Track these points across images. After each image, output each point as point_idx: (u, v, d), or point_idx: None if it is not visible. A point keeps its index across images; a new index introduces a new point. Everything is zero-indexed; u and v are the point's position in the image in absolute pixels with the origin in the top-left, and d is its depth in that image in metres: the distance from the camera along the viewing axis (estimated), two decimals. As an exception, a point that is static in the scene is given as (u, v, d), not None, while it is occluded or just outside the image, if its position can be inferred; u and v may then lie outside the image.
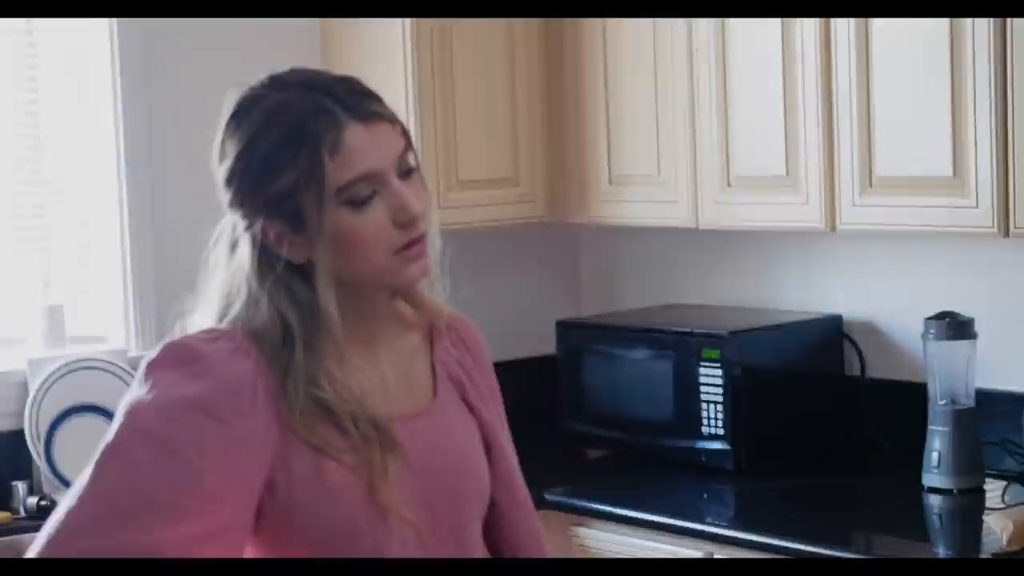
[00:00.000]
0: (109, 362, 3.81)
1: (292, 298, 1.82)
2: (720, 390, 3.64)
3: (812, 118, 3.43)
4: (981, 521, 3.15)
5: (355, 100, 1.80)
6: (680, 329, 3.78)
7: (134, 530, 1.70)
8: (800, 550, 3.12)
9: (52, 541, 1.71)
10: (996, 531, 2.99)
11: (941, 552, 3.18)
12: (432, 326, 1.97)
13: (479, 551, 1.92)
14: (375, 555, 1.80)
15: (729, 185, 3.65)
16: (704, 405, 3.68)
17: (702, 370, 3.68)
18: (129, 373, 3.76)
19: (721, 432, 3.65)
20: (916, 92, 3.24)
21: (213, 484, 1.73)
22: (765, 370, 3.72)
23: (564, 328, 4.08)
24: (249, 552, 1.82)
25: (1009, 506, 3.20)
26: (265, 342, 1.81)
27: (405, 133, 1.85)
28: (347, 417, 1.80)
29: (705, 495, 3.63)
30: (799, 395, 3.78)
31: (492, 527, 1.96)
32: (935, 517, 3.40)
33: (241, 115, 1.82)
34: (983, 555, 2.99)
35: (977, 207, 3.15)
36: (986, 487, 3.41)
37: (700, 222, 3.75)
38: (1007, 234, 3.13)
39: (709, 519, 3.42)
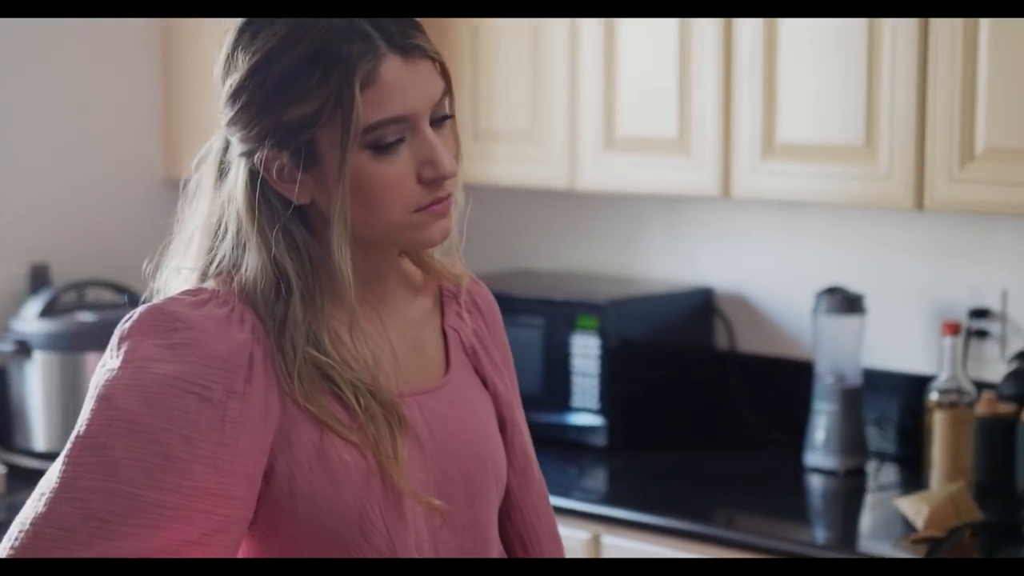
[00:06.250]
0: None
1: (290, 243, 1.54)
2: (595, 362, 3.45)
3: (710, 77, 3.24)
4: (887, 504, 3.08)
5: (397, 28, 1.52)
6: (553, 297, 3.56)
7: (116, 538, 1.42)
8: (672, 527, 3.02)
9: (18, 553, 1.42)
10: (910, 515, 2.89)
11: (820, 536, 3.06)
12: (442, 290, 1.72)
13: (495, 547, 1.67)
14: (388, 552, 1.53)
15: (610, 146, 3.43)
16: (576, 377, 3.48)
17: (576, 340, 3.47)
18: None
19: (595, 406, 3.46)
20: (827, 52, 3.09)
21: (205, 480, 1.45)
22: (640, 342, 3.54)
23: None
24: (240, 552, 1.54)
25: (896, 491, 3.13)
26: (257, 296, 1.52)
27: (446, 73, 1.57)
28: (348, 387, 1.53)
29: (576, 471, 3.44)
30: (672, 369, 3.60)
31: (503, 515, 1.71)
32: (817, 498, 3.29)
33: (261, 21, 1.52)
34: (894, 540, 2.88)
35: (890, 178, 3.01)
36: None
37: (576, 184, 3.51)
38: (921, 208, 3.01)
39: (578, 496, 3.23)
